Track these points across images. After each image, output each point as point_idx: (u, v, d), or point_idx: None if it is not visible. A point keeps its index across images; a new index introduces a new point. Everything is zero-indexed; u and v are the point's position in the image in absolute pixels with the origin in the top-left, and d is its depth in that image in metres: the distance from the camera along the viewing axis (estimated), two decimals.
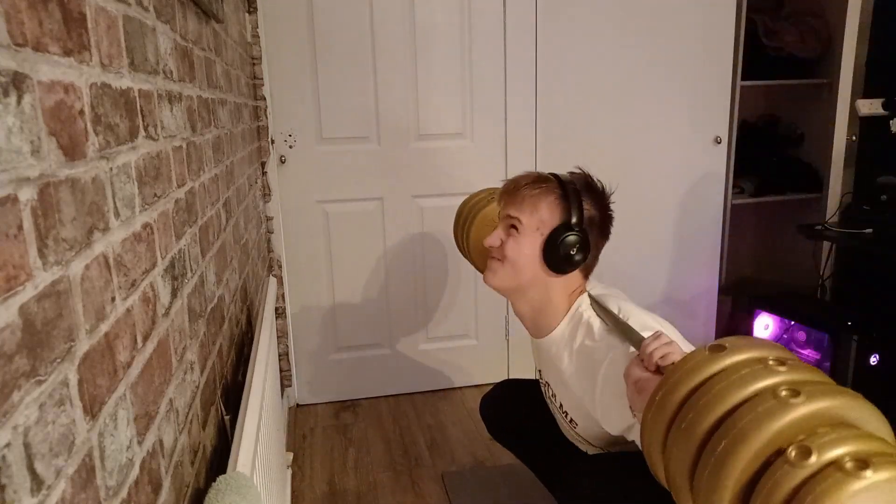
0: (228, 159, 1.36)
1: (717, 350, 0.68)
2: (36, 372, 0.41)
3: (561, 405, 1.25)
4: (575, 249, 1.11)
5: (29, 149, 0.42)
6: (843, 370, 1.81)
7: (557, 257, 1.12)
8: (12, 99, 0.40)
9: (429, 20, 2.17)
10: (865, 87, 2.46)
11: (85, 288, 0.50)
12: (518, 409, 1.49)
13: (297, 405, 2.37)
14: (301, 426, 2.22)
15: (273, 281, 1.69)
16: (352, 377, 2.39)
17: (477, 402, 2.36)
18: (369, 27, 2.13)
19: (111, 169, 0.59)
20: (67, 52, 0.50)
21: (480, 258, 1.45)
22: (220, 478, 0.73)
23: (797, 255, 2.67)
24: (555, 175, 1.18)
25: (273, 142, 2.15)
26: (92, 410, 0.50)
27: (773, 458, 0.57)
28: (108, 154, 0.58)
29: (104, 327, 0.54)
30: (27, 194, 0.42)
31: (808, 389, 0.60)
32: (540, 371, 1.35)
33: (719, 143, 2.47)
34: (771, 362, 0.64)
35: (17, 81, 0.41)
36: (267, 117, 2.11)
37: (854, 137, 2.50)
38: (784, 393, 0.59)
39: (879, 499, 0.52)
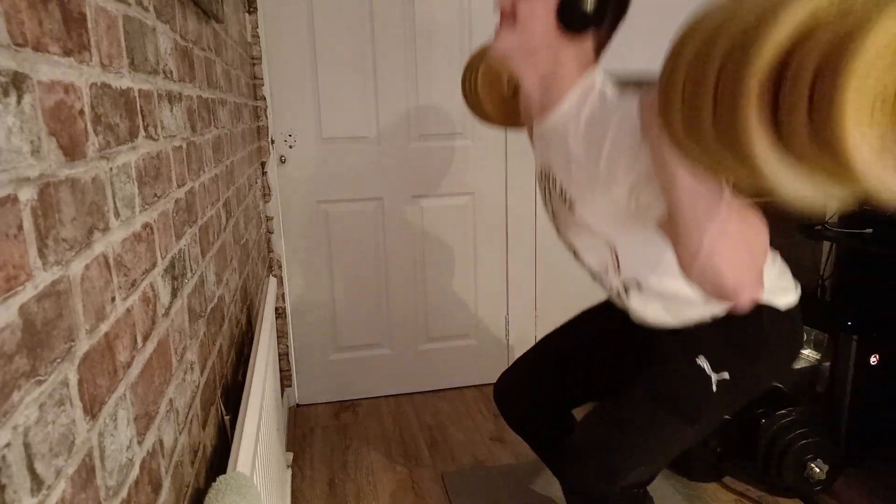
0: (228, 159, 1.36)
1: None
2: (36, 372, 0.41)
3: (562, 190, 1.18)
4: (591, 6, 1.03)
5: (29, 149, 0.42)
6: (843, 370, 1.81)
7: (573, 14, 1.04)
8: (12, 99, 0.40)
9: (429, 20, 2.17)
10: None
11: (85, 288, 0.50)
12: (533, 386, 1.47)
13: (297, 405, 2.37)
14: (301, 426, 2.22)
15: (273, 281, 1.69)
16: (352, 377, 2.39)
17: (477, 402, 2.37)
18: (369, 27, 2.13)
19: (111, 169, 0.59)
20: (67, 52, 0.50)
21: (490, 98, 1.38)
22: (220, 478, 0.73)
23: (797, 255, 2.67)
24: None
25: (273, 142, 2.15)
26: (92, 410, 0.50)
27: (808, 32, 0.50)
28: (108, 154, 0.58)
29: (104, 327, 0.54)
30: (27, 194, 0.42)
31: None
32: (540, 167, 1.27)
33: None
34: None
35: (17, 81, 0.41)
36: (267, 117, 2.11)
37: None
38: None
39: None
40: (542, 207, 2.38)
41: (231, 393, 1.12)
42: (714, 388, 1.09)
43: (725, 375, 1.08)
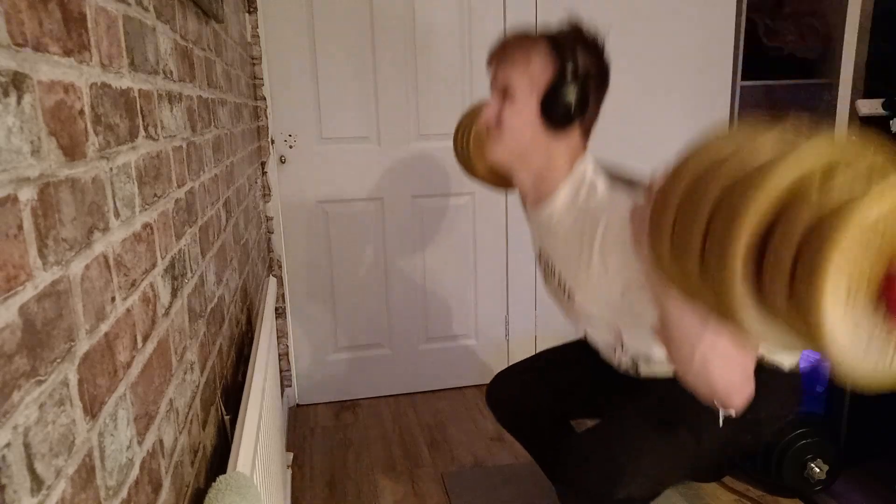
0: (228, 159, 1.36)
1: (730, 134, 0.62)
2: (36, 372, 0.41)
3: (559, 277, 1.20)
4: (573, 102, 1.05)
5: (29, 149, 0.42)
6: None
7: (556, 113, 1.06)
8: (12, 99, 0.40)
9: (429, 20, 2.17)
10: (865, 87, 2.46)
11: (85, 288, 0.50)
12: (524, 391, 1.47)
13: (297, 405, 2.37)
14: (301, 426, 2.22)
15: (273, 281, 1.69)
16: (352, 377, 2.39)
17: (477, 402, 2.37)
18: (369, 27, 2.13)
19: (111, 169, 0.59)
20: (67, 52, 0.50)
21: (482, 163, 1.40)
22: (220, 478, 0.73)
23: None
24: (543, 30, 1.11)
25: (273, 142, 2.15)
26: (92, 410, 0.50)
27: (791, 202, 0.52)
28: (108, 154, 0.58)
29: (104, 327, 0.54)
30: (27, 194, 0.42)
31: (825, 136, 0.55)
32: (539, 250, 1.30)
33: None
34: (781, 126, 0.59)
35: (17, 81, 0.41)
36: (267, 117, 2.11)
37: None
38: (802, 140, 0.55)
39: None
40: None
41: (231, 393, 1.12)
42: (720, 422, 1.10)
43: (732, 413, 1.08)
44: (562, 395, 1.41)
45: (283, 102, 2.13)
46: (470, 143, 1.46)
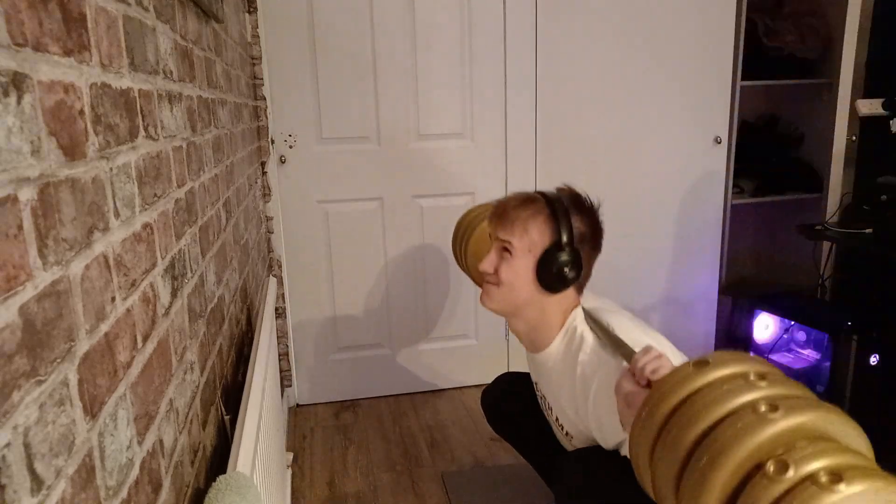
0: (228, 159, 1.36)
1: (702, 366, 0.70)
2: (36, 372, 0.41)
3: (557, 418, 1.27)
4: (567, 268, 1.13)
5: (29, 149, 0.42)
6: (843, 370, 1.81)
7: (550, 277, 1.14)
8: (12, 99, 0.40)
9: (429, 20, 2.17)
10: (865, 87, 2.46)
11: (85, 288, 0.50)
12: (519, 401, 1.50)
13: (297, 405, 2.37)
14: (301, 426, 2.22)
15: (273, 281, 1.69)
16: (352, 377, 2.39)
17: (477, 402, 2.37)
18: (369, 27, 2.13)
19: (111, 169, 0.59)
20: (67, 52, 0.50)
21: (478, 273, 1.47)
22: (220, 478, 0.73)
23: (797, 255, 2.67)
24: (542, 193, 1.20)
25: (273, 142, 2.15)
26: (92, 410, 0.50)
27: (754, 473, 0.59)
28: (108, 154, 0.58)
29: (104, 327, 0.54)
30: (27, 194, 0.42)
31: (787, 404, 0.62)
32: (536, 383, 1.36)
33: (719, 143, 2.47)
34: (752, 377, 0.67)
35: (17, 81, 0.41)
36: (267, 117, 2.11)
37: (854, 137, 2.50)
38: (763, 408, 0.62)
39: None
40: None
41: (231, 393, 1.12)
42: None
43: None
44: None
45: (283, 102, 2.13)
46: (468, 251, 1.53)
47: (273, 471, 1.16)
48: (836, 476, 0.56)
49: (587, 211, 1.18)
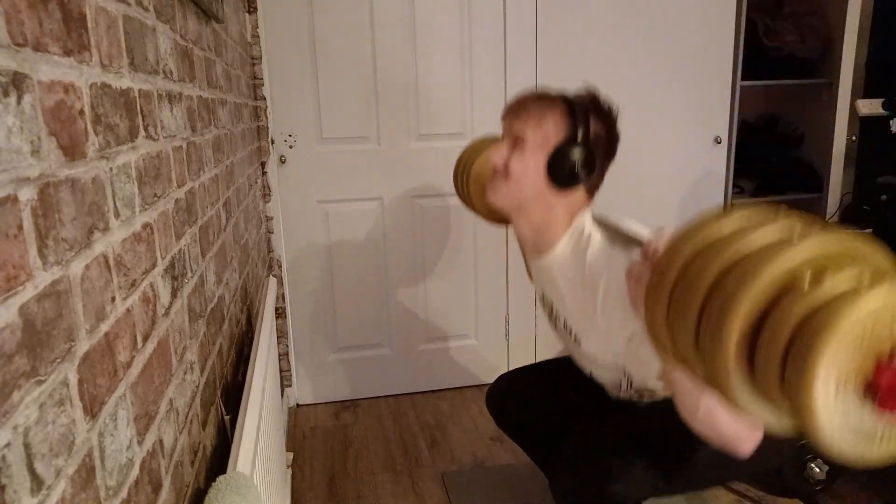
0: (228, 159, 1.36)
1: (724, 213, 0.66)
2: (36, 372, 0.41)
3: (565, 323, 1.23)
4: (580, 165, 1.09)
5: (29, 149, 0.42)
6: None
7: (562, 173, 1.09)
8: (12, 99, 0.40)
9: (429, 20, 2.17)
10: (865, 87, 2.46)
11: (85, 288, 0.50)
12: (521, 399, 1.48)
13: (297, 405, 2.37)
14: (301, 426, 2.22)
15: (273, 281, 1.69)
16: (352, 377, 2.39)
17: (477, 402, 2.37)
18: (369, 27, 2.13)
19: (111, 169, 0.59)
20: (67, 52, 0.50)
21: (480, 197, 1.41)
22: (220, 478, 0.73)
23: None
24: (561, 92, 1.15)
25: (273, 142, 2.15)
26: (92, 410, 0.50)
27: (785, 292, 0.55)
28: (108, 154, 0.58)
29: (104, 327, 0.54)
30: (27, 194, 0.42)
31: (818, 231, 0.58)
32: (542, 294, 1.31)
33: (719, 143, 2.47)
34: (780, 216, 0.62)
35: (17, 81, 0.41)
36: (267, 117, 2.11)
37: (854, 137, 2.50)
38: (794, 235, 0.58)
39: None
40: None
41: (231, 393, 1.12)
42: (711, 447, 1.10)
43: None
44: (562, 408, 1.42)
45: (283, 102, 2.13)
46: (469, 179, 1.48)
47: (273, 471, 1.16)
48: (879, 278, 0.52)
49: (606, 114, 1.14)
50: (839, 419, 0.53)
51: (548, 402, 1.44)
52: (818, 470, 1.66)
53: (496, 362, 2.49)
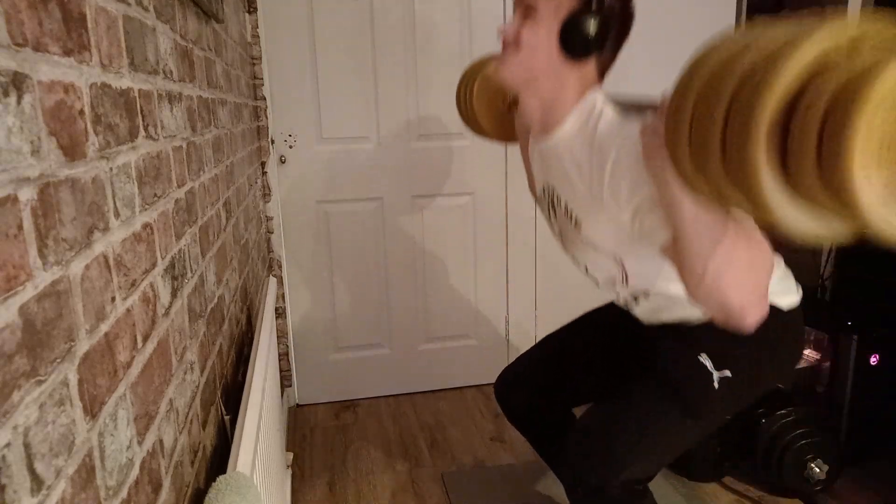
0: (228, 159, 1.36)
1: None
2: (36, 372, 0.41)
3: (566, 208, 1.19)
4: (594, 34, 1.06)
5: (29, 149, 0.42)
6: (843, 370, 1.81)
7: (575, 42, 1.06)
8: (12, 99, 0.40)
9: (429, 20, 2.17)
10: None
11: (85, 288, 0.50)
12: (526, 389, 1.47)
13: (297, 405, 2.37)
14: (301, 426, 2.22)
15: (273, 281, 1.69)
16: (352, 377, 2.39)
17: (477, 402, 2.37)
18: (369, 27, 2.13)
19: (111, 169, 0.59)
20: (67, 52, 0.50)
21: (484, 114, 1.39)
22: (220, 478, 0.73)
23: (797, 255, 2.66)
24: None
25: (273, 142, 2.15)
26: (92, 410, 0.50)
27: (818, 72, 0.51)
28: (108, 154, 0.58)
29: (104, 327, 0.54)
30: (27, 194, 0.42)
31: (840, 21, 0.55)
32: (542, 187, 1.28)
33: None
34: (798, 21, 0.59)
35: (17, 81, 0.41)
36: (267, 117, 2.11)
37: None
38: (820, 23, 0.55)
39: None
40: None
41: (231, 393, 1.12)
42: (716, 384, 1.09)
43: (727, 373, 1.09)
44: (567, 387, 1.40)
45: (283, 102, 2.13)
46: (474, 93, 1.44)
47: (273, 471, 1.16)
48: None
49: None
50: (879, 193, 0.49)
51: (549, 392, 1.42)
52: (818, 470, 1.66)
53: (496, 362, 2.49)
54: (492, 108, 1.46)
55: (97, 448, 0.50)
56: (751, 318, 0.88)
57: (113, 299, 0.56)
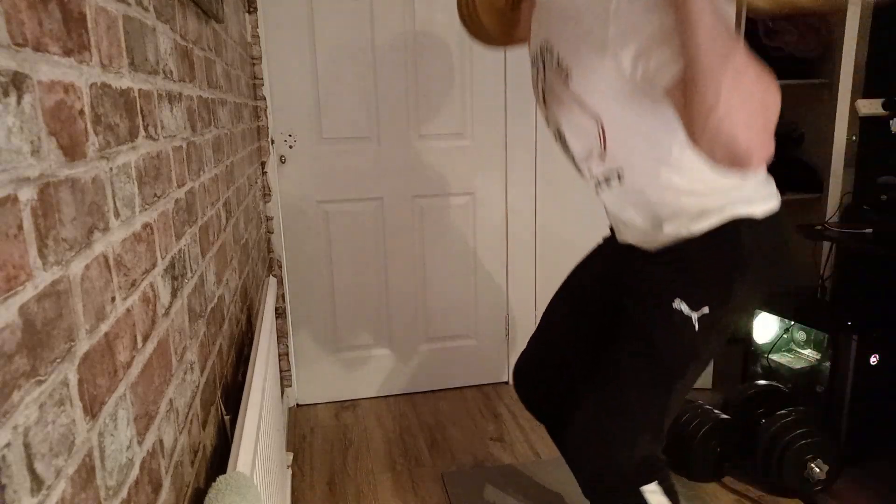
0: (228, 159, 1.36)
1: None
2: (36, 372, 0.41)
3: (557, 59, 1.13)
4: None
5: (29, 149, 0.42)
6: (843, 370, 1.81)
7: None
8: (12, 99, 0.40)
9: (429, 20, 2.17)
10: (865, 87, 2.46)
11: (85, 288, 0.50)
12: (539, 381, 1.44)
13: (297, 405, 2.37)
14: (301, 426, 2.22)
15: (273, 281, 1.69)
16: (352, 377, 2.39)
17: (477, 402, 2.37)
18: (369, 27, 2.13)
19: (111, 169, 0.59)
20: (67, 52, 0.50)
21: (486, 10, 1.34)
22: (220, 478, 0.73)
23: (797, 255, 2.67)
24: None
25: (273, 142, 2.15)
26: (92, 410, 0.50)
27: None
28: (108, 154, 0.58)
29: (104, 327, 0.54)
30: (27, 194, 0.42)
31: None
32: (537, 45, 1.22)
33: None
34: None
35: (17, 81, 0.41)
36: (267, 117, 2.11)
37: (854, 137, 2.50)
38: None
39: None
40: (541, 210, 2.38)
41: (231, 393, 1.12)
42: (696, 325, 1.07)
43: (706, 310, 1.06)
44: (574, 360, 1.37)
45: (283, 102, 2.13)
46: None
47: (273, 471, 1.16)
48: None
49: None
50: None
51: (561, 373, 1.40)
52: (818, 470, 1.66)
53: (496, 362, 2.49)
54: (494, 7, 1.41)
55: (97, 448, 0.50)
56: (756, 159, 0.85)
57: (113, 299, 0.56)
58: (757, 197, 1.11)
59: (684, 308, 1.08)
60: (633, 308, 1.16)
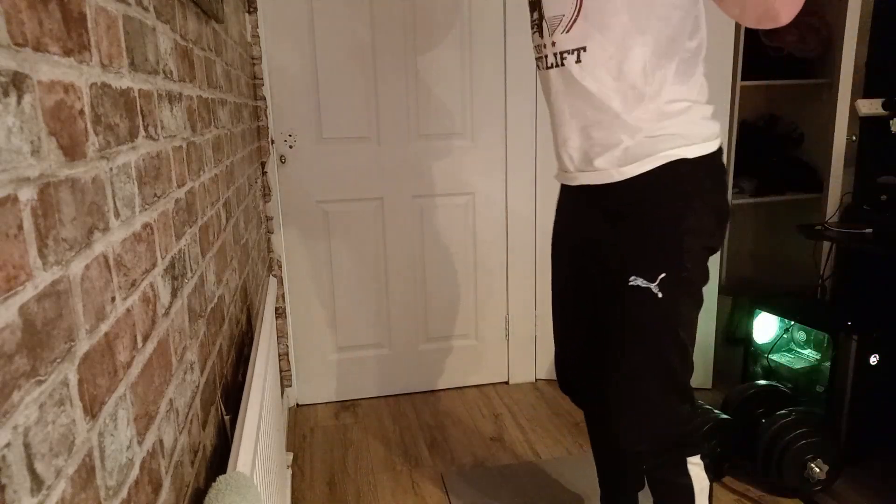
0: (228, 159, 1.36)
1: None
2: (36, 372, 0.41)
3: (567, 42, 1.13)
4: None
5: (29, 149, 0.42)
6: (843, 370, 1.81)
7: None
8: (12, 99, 0.40)
9: (429, 20, 2.17)
10: (865, 87, 2.46)
11: (85, 288, 0.50)
12: (571, 379, 1.44)
13: (297, 405, 2.37)
14: (301, 426, 2.22)
15: (273, 281, 1.69)
16: (352, 377, 2.39)
17: (477, 402, 2.37)
18: (369, 27, 2.13)
19: (111, 169, 0.59)
20: (67, 52, 0.50)
21: None
22: (220, 478, 0.73)
23: (797, 255, 2.66)
24: None
25: (273, 142, 2.15)
26: (92, 410, 0.50)
27: None
28: (108, 154, 0.58)
29: (104, 327, 0.54)
30: (27, 194, 0.42)
31: None
32: (541, 16, 1.20)
33: None
34: None
35: (17, 81, 0.41)
36: (267, 117, 2.11)
37: (854, 137, 2.50)
38: None
39: None
40: (541, 210, 2.38)
41: (231, 393, 1.12)
42: (660, 294, 1.07)
43: (663, 276, 1.07)
44: (590, 351, 1.38)
45: (283, 102, 2.13)
46: None
47: (273, 471, 1.16)
48: None
49: None
50: None
51: (588, 372, 1.40)
52: (818, 470, 1.66)
53: (496, 362, 2.49)
54: None
55: (97, 448, 0.50)
56: (784, 15, 0.87)
57: (113, 299, 0.56)
58: (696, 136, 1.09)
59: (641, 282, 1.08)
60: (603, 296, 1.17)
